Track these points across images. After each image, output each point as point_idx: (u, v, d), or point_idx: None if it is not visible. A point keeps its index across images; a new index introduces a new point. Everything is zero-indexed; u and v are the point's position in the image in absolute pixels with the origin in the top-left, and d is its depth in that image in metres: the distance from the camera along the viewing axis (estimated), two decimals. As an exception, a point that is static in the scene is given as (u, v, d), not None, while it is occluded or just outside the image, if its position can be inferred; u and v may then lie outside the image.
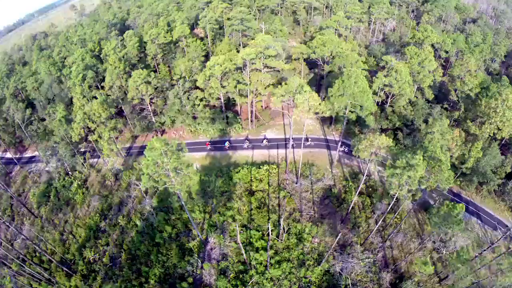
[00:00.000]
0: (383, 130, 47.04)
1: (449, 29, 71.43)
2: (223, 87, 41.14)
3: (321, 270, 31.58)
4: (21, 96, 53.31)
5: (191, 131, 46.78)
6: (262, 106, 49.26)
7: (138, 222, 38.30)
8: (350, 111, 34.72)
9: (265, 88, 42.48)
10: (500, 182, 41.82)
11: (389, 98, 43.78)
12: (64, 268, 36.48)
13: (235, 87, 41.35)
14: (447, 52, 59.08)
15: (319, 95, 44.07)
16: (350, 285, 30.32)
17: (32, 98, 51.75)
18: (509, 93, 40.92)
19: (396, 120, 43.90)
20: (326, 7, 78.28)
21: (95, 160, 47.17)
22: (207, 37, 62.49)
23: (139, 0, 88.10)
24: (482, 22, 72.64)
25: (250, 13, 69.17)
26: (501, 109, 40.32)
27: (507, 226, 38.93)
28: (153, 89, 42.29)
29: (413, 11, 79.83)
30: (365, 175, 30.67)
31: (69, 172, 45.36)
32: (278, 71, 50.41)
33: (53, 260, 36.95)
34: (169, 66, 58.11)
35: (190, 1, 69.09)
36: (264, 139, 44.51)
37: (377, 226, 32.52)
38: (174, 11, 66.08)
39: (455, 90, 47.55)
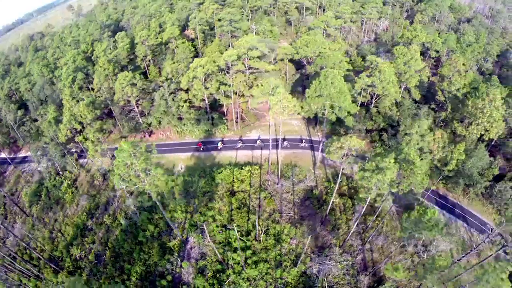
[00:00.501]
0: (368, 131, 46.95)
1: (442, 29, 70.46)
2: (206, 88, 41.57)
3: (297, 272, 31.77)
4: (15, 97, 54.74)
5: (177, 131, 47.43)
6: (248, 107, 49.59)
7: (122, 221, 39.25)
8: (329, 112, 34.69)
9: (249, 89, 42.76)
10: (488, 184, 41.20)
11: (374, 99, 43.59)
12: (52, 265, 37.72)
13: (218, 88, 41.74)
14: (437, 51, 58.46)
15: (303, 96, 44.35)
16: (326, 287, 30.48)
17: (25, 99, 53.08)
18: (497, 93, 40.24)
19: (381, 120, 43.71)
20: (319, 7, 77.87)
21: (85, 160, 48.29)
22: (197, 38, 62.97)
23: (135, 0, 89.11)
24: (477, 21, 71.44)
25: (242, 14, 69.52)
26: (488, 110, 39.70)
27: (493, 229, 38.96)
28: (138, 91, 42.98)
29: (407, 11, 78.94)
30: (340, 176, 30.71)
31: (60, 172, 46.55)
32: (264, 72, 50.67)
33: (41, 257, 38.17)
34: (159, 68, 58.84)
35: (181, 2, 69.51)
36: (258, 139, 44.75)
37: (352, 229, 32.60)
38: (166, 12, 66.68)
39: (442, 91, 46.79)
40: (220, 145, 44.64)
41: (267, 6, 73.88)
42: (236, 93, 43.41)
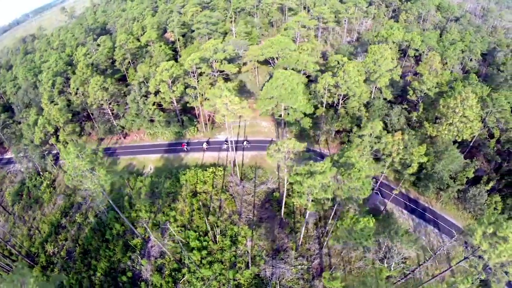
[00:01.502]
0: (337, 132, 46.90)
1: (428, 28, 68.74)
2: (173, 91, 42.67)
3: (250, 274, 32.33)
4: (2, 100, 57.63)
5: (150, 134, 48.91)
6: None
7: (92, 220, 41.23)
8: (285, 113, 34.99)
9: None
10: (461, 188, 39.85)
11: (341, 99, 43.24)
12: (28, 260, 40.21)
13: (184, 91, 42.75)
14: (417, 50, 57.25)
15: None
16: None
17: (11, 102, 55.87)
18: (470, 92, 38.74)
19: (347, 122, 43.50)
20: (304, 7, 77.27)
21: (63, 161, 50.59)
22: (178, 41, 64.05)
23: (125, 3, 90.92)
24: (465, 20, 69.23)
25: (226, 16, 69.99)
26: (461, 109, 38.31)
27: (453, 237, 37.04)
28: (110, 95, 44.55)
29: (394, 11, 77.35)
30: (286, 180, 31.22)
31: (40, 173, 49.01)
32: (238, 74, 51.30)
33: (19, 253, 40.73)
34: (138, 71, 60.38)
35: (163, 5, 70.59)
36: (245, 140, 45.13)
37: (301, 233, 32.84)
38: (148, 15, 68.04)
39: (414, 90, 45.32)
40: (205, 145, 45.46)
41: (250, 8, 73.96)
42: (202, 96, 44.33)
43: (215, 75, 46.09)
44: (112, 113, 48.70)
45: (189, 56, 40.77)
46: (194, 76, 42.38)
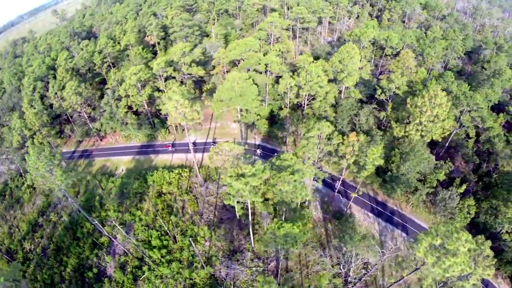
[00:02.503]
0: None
1: (412, 26, 68.48)
2: (141, 95, 44.84)
3: (206, 274, 33.82)
4: (-10, 104, 61.38)
5: (124, 136, 51.37)
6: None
7: (65, 218, 44.07)
8: (242, 115, 36.39)
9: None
10: (430, 191, 38.78)
11: (305, 100, 43.85)
12: (7, 257, 43.48)
13: (151, 94, 44.85)
14: (394, 48, 57.24)
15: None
16: None
17: (-3, 106, 59.54)
18: (439, 89, 37.73)
19: (313, 123, 44.26)
20: (288, 8, 78.06)
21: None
22: (158, 44, 66.22)
23: (114, 6, 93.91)
24: (452, 19, 68.53)
25: (209, 18, 71.63)
26: (429, 108, 37.06)
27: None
28: (83, 99, 47.15)
29: (380, 10, 77.26)
30: (219, 181, 32.60)
31: (22, 174, 52.32)
32: (208, 76, 53.04)
33: (-1, 250, 44.08)
34: (119, 74, 62.91)
35: (145, 8, 72.88)
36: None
37: (251, 234, 34.03)
38: (131, 19, 70.49)
39: (382, 89, 44.84)
40: (191, 146, 46.95)
41: (233, 9, 75.36)
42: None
43: (184, 78, 47.98)
44: (89, 117, 51.42)
45: (156, 60, 42.74)
46: (161, 79, 44.37)
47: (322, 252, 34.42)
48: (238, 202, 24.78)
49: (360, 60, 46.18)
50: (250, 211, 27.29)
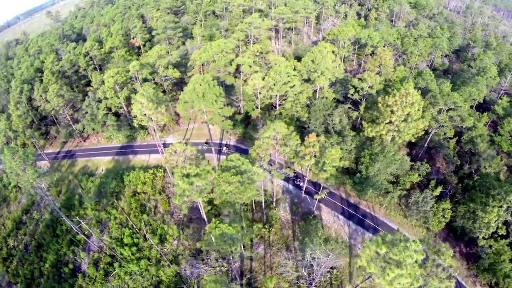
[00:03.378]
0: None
1: (399, 25, 68.78)
2: (118, 97, 47.15)
3: (172, 272, 35.50)
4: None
5: (106, 137, 53.91)
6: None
7: (47, 216, 46.86)
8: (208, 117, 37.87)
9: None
10: (403, 193, 38.42)
11: (277, 100, 44.94)
12: (-8, 253, 46.58)
13: (128, 96, 47.09)
14: (374, 47, 57.75)
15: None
16: None
17: (-11, 108, 63.13)
18: (411, 87, 36.51)
19: (284, 124, 45.17)
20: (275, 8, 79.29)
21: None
22: (144, 46, 68.69)
23: (106, 8, 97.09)
24: (442, 17, 68.50)
25: (196, 19, 73.52)
26: (400, 108, 35.82)
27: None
28: (65, 101, 49.85)
29: (370, 9, 77.71)
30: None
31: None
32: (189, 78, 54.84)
33: (-15, 246, 47.21)
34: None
35: (133, 11, 75.42)
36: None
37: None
38: (118, 21, 73.18)
39: (355, 88, 44.53)
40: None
41: (219, 10, 77.07)
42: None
43: (162, 80, 50.07)
44: (73, 118, 54.16)
45: (131, 63, 44.93)
46: (138, 82, 46.57)
47: (286, 254, 34.92)
48: (184, 201, 26.24)
49: (334, 60, 46.75)
50: (202, 210, 28.90)
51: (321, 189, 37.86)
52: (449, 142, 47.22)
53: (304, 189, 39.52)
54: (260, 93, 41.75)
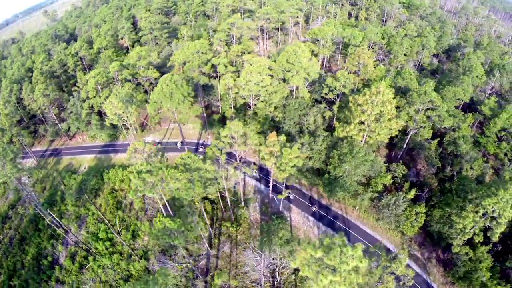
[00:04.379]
0: (259, 133, 50.86)
1: (390, 25, 69.49)
2: (99, 97, 50.01)
3: (141, 266, 37.76)
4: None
5: (90, 136, 57.00)
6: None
7: (31, 211, 50.14)
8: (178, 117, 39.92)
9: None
10: (374, 195, 38.10)
11: (251, 100, 46.54)
12: (-21, 246, 50.18)
13: (108, 95, 49.83)
14: (357, 46, 58.51)
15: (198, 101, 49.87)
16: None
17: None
18: (383, 86, 36.11)
19: (257, 123, 46.51)
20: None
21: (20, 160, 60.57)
22: (133, 47, 71.65)
23: (101, 7, 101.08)
24: (435, 17, 68.85)
25: (187, 19, 75.93)
26: (370, 107, 35.60)
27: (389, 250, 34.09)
28: (50, 101, 53.13)
29: (361, 9, 78.63)
30: None
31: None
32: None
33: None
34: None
35: (124, 11, 78.66)
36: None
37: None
38: (109, 21, 76.51)
39: (329, 87, 45.30)
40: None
41: (210, 11, 79.43)
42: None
43: (143, 80, 52.67)
44: (59, 117, 57.47)
45: (111, 64, 47.67)
46: (118, 82, 49.31)
47: (250, 254, 35.87)
48: (138, 196, 28.05)
49: (310, 58, 47.78)
50: (162, 206, 31.05)
51: (283, 189, 37.97)
52: (431, 143, 46.92)
53: (270, 188, 40.24)
54: (233, 92, 43.64)
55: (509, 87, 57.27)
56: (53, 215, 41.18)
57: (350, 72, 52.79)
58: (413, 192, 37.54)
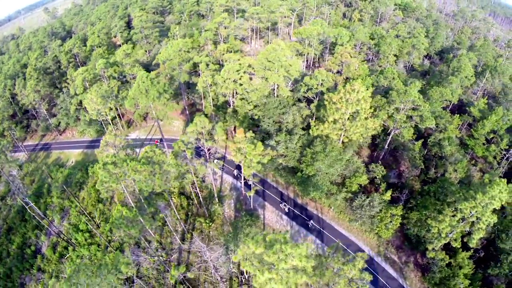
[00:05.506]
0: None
1: (384, 27, 70.62)
2: (87, 93, 53.07)
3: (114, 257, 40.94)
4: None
5: (79, 131, 60.27)
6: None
7: (19, 202, 53.57)
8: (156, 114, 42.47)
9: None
10: (348, 196, 38.24)
11: (231, 98, 48.46)
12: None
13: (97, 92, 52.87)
14: (344, 46, 59.76)
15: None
16: (135, 276, 35.46)
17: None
18: (358, 83, 35.90)
19: (236, 120, 48.08)
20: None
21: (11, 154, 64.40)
22: (126, 44, 74.99)
23: (99, 6, 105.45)
24: (430, 19, 69.60)
25: (181, 18, 78.83)
26: (344, 105, 35.79)
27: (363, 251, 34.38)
28: (41, 97, 56.63)
29: (355, 11, 79.97)
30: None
31: (-8, 162, 63.27)
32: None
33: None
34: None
35: (119, 11, 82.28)
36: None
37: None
38: (104, 20, 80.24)
39: (307, 86, 45.96)
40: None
41: (204, 10, 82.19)
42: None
43: (131, 77, 55.55)
44: (50, 113, 61.00)
45: (98, 62, 50.70)
46: (104, 79, 52.33)
47: (220, 250, 37.09)
48: (104, 188, 30.24)
49: (291, 57, 49.40)
50: (128, 198, 33.40)
51: (251, 186, 38.83)
52: (415, 144, 47.42)
53: (242, 185, 41.47)
54: (211, 90, 45.82)
55: (501, 88, 57.52)
56: (32, 203, 44.12)
57: (332, 71, 54.47)
58: (389, 193, 37.60)
